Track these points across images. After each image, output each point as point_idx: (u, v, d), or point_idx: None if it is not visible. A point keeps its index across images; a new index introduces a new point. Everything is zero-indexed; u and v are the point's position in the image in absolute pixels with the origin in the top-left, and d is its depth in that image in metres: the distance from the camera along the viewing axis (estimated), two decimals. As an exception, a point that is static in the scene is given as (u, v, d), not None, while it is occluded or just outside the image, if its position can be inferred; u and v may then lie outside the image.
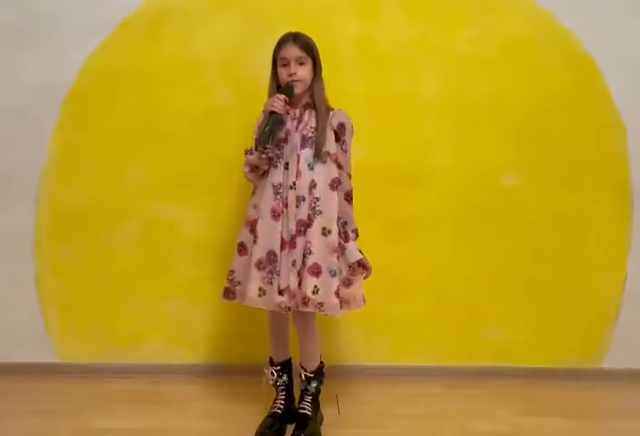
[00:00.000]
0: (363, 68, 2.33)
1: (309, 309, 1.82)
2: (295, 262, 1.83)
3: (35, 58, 2.30)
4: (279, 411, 1.97)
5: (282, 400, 2.00)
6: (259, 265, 1.84)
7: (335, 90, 1.94)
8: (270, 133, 1.78)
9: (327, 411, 2.05)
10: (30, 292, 2.38)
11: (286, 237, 1.84)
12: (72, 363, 2.40)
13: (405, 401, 2.19)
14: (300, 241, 1.84)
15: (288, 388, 2.03)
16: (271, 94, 1.88)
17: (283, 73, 1.86)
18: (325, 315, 1.86)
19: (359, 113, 2.16)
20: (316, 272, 1.83)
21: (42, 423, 1.99)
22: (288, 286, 1.82)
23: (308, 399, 1.97)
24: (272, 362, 2.02)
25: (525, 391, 2.30)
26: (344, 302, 1.88)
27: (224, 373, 2.37)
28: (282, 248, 1.83)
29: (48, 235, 2.37)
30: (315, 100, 1.89)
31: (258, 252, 1.84)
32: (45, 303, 2.39)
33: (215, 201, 2.36)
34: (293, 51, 1.84)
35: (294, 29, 1.91)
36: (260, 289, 1.83)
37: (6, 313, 2.38)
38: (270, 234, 1.84)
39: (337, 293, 1.83)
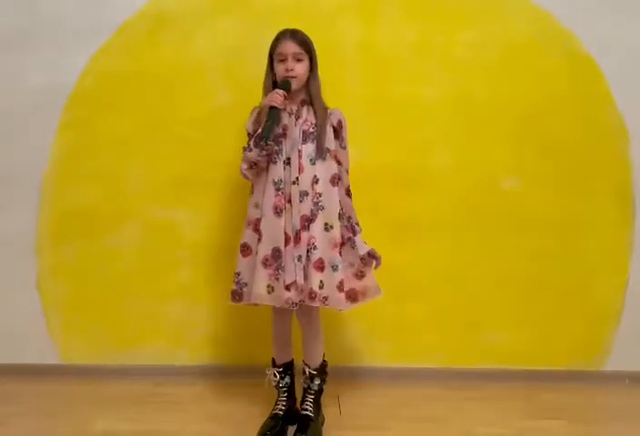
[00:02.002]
0: (364, 71, 2.32)
1: (315, 303, 1.84)
2: (300, 257, 1.84)
3: (37, 61, 2.31)
4: (281, 412, 1.97)
5: (283, 401, 2.00)
6: (265, 263, 1.84)
7: (337, 92, 1.95)
8: (271, 127, 1.78)
9: (329, 413, 2.06)
10: (32, 293, 2.38)
11: (290, 232, 1.84)
12: (73, 365, 2.40)
13: (407, 404, 2.19)
14: (304, 236, 1.85)
15: (290, 389, 2.04)
16: (266, 90, 1.89)
17: (280, 68, 1.86)
18: (334, 309, 1.88)
19: (360, 115, 2.17)
20: (321, 266, 1.85)
21: (43, 425, 2.00)
22: (295, 281, 1.83)
23: (310, 398, 1.98)
24: (274, 364, 2.03)
25: (526, 393, 2.29)
26: (359, 294, 1.92)
27: (225, 375, 2.37)
28: (286, 243, 1.83)
29: (49, 237, 2.37)
30: (311, 96, 1.90)
31: (263, 250, 1.84)
32: (46, 305, 2.40)
33: (215, 203, 2.37)
34: (290, 47, 1.85)
35: (295, 32, 1.91)
36: (268, 286, 1.83)
37: (8, 315, 2.38)
38: (274, 231, 1.84)
39: (341, 288, 1.86)
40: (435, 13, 2.33)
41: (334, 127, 1.92)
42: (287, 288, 1.82)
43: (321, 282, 1.84)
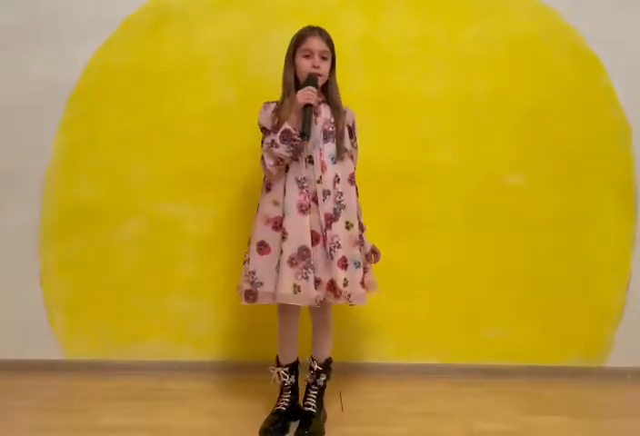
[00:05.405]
0: (367, 66, 2.33)
1: (341, 301, 1.84)
2: (328, 254, 1.84)
3: (40, 56, 2.31)
4: (284, 408, 1.98)
5: (287, 397, 2.00)
6: (291, 262, 1.81)
7: (340, 88, 1.94)
8: (310, 124, 1.78)
9: (331, 409, 2.06)
10: (35, 289, 2.39)
11: (319, 231, 1.84)
12: (77, 361, 2.41)
13: (410, 399, 2.19)
14: (329, 234, 1.85)
15: (293, 386, 2.04)
16: (287, 84, 1.88)
17: (305, 63, 1.86)
18: (352, 305, 1.89)
19: (364, 111, 2.16)
20: (344, 264, 1.85)
21: (47, 420, 2.00)
22: (330, 279, 1.83)
23: (313, 394, 1.99)
24: (278, 363, 2.03)
25: (528, 389, 2.30)
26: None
27: (228, 371, 2.38)
28: (315, 242, 1.83)
29: (53, 233, 2.38)
30: (331, 96, 1.91)
31: (289, 249, 1.81)
32: (50, 301, 2.40)
33: (218, 199, 2.37)
34: (318, 44, 1.85)
35: (298, 28, 1.90)
36: (295, 285, 1.81)
37: (12, 311, 2.39)
38: (300, 230, 1.82)
39: (362, 283, 1.87)
40: (439, 8, 2.33)
41: (348, 127, 1.93)
42: (315, 286, 1.82)
43: (345, 279, 1.84)
